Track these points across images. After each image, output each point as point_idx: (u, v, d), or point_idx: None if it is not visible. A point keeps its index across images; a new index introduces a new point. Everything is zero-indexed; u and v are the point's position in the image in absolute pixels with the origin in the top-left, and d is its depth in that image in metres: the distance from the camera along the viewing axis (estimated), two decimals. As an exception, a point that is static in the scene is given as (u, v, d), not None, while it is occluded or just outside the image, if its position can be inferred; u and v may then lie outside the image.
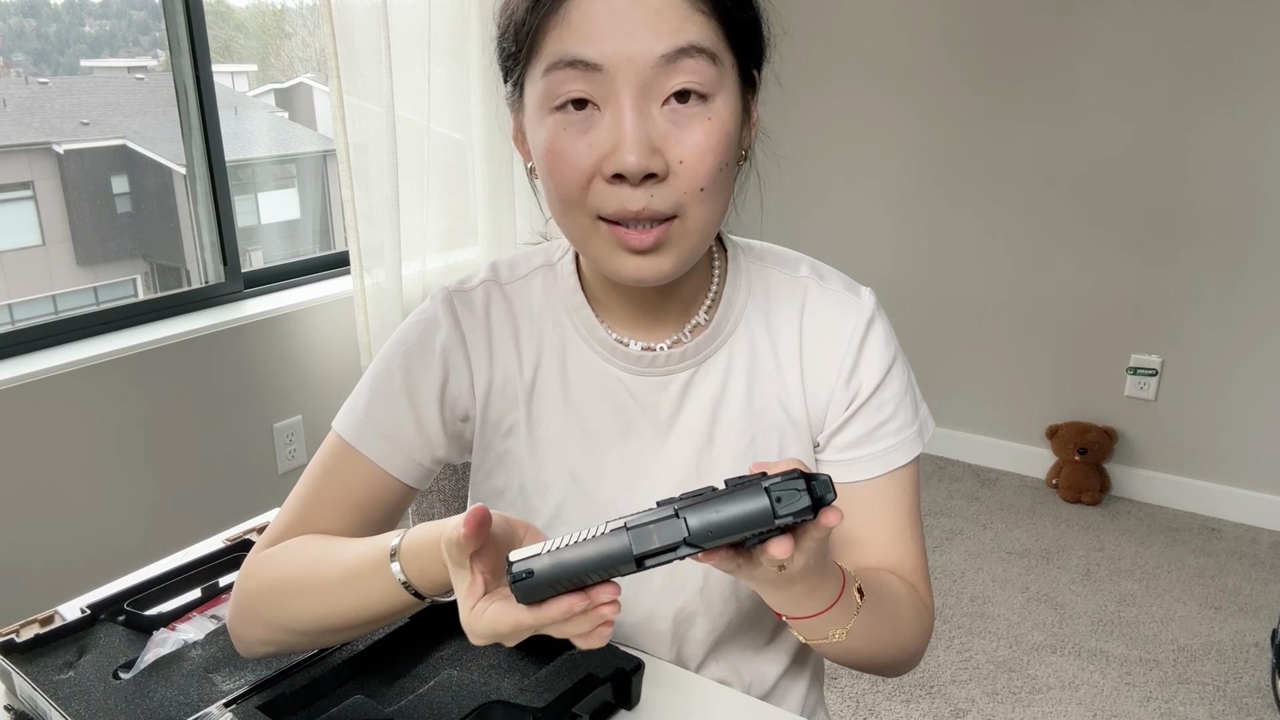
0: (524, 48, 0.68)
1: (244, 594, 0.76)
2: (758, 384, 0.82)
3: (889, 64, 2.94)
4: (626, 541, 0.53)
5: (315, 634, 0.73)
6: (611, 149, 0.66)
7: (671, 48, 0.65)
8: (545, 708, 0.72)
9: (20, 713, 0.80)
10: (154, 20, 2.30)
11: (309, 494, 0.80)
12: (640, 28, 0.64)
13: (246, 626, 0.75)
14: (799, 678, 0.94)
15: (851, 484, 0.82)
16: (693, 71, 0.66)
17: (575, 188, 0.68)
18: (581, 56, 0.65)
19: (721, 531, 0.53)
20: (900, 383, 0.82)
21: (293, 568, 0.74)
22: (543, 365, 0.82)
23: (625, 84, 0.65)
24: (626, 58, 0.64)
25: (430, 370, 0.80)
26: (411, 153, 2.28)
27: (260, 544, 0.79)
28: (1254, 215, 2.51)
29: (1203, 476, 2.73)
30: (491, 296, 0.83)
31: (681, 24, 0.65)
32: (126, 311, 2.05)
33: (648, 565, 0.53)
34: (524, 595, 0.54)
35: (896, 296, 3.08)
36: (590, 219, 0.69)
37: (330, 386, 2.30)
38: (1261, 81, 2.43)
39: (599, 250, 0.71)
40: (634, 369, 0.81)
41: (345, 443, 0.79)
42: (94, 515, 1.89)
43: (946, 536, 2.63)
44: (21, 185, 2.33)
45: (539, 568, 0.53)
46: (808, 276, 0.84)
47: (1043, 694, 1.99)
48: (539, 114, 0.69)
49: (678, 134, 0.66)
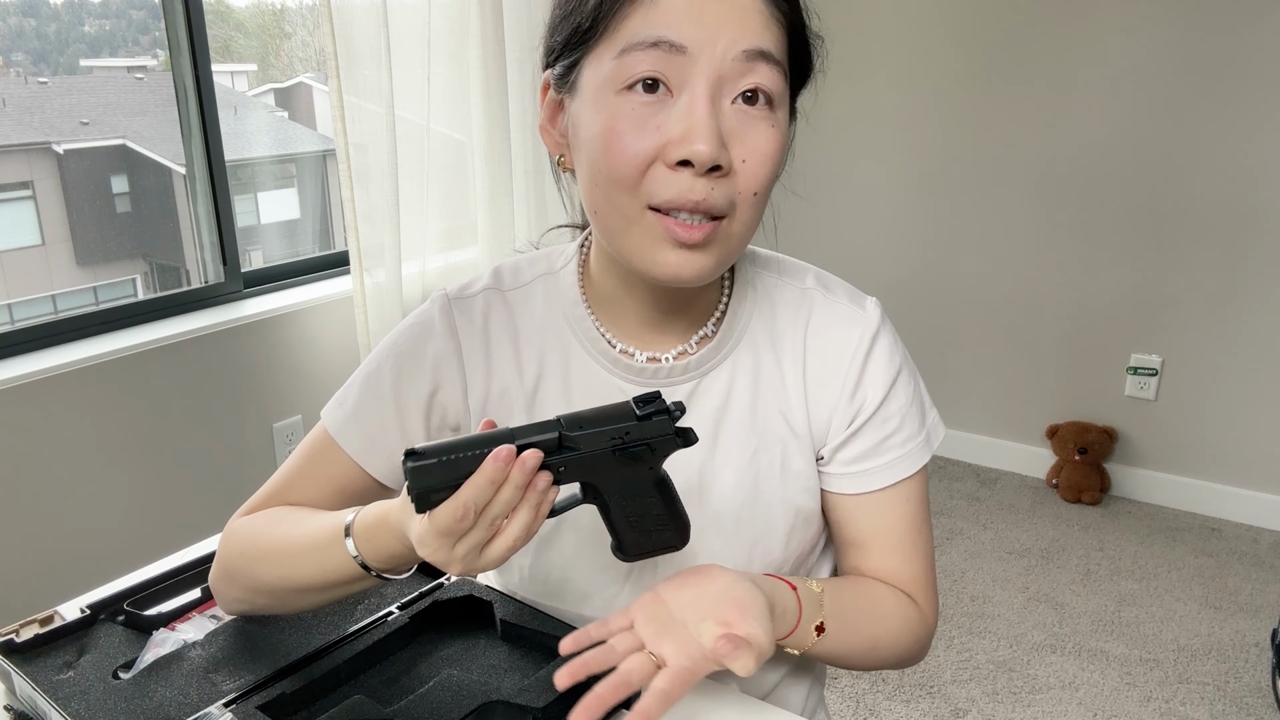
0: (600, 26, 0.67)
1: (222, 554, 0.81)
2: (761, 396, 0.81)
3: (890, 63, 2.94)
4: (510, 435, 0.60)
5: (281, 595, 0.77)
6: (681, 135, 0.65)
7: (753, 46, 0.66)
8: (545, 708, 0.71)
9: (20, 713, 0.80)
10: (154, 20, 2.30)
11: (292, 471, 0.84)
12: (726, 22, 0.65)
13: (223, 584, 0.82)
14: (800, 680, 0.94)
15: (856, 496, 0.82)
16: (766, 76, 0.67)
17: (633, 170, 0.67)
18: (667, 37, 0.65)
19: (589, 422, 0.61)
20: (905, 395, 0.82)
21: (264, 535, 0.78)
22: (545, 374, 0.82)
23: (704, 72, 0.65)
24: (711, 40, 0.65)
25: (420, 378, 0.81)
26: (411, 153, 2.28)
27: (242, 510, 0.84)
28: (1254, 215, 2.51)
29: (1203, 476, 2.73)
30: (491, 305, 0.83)
31: (763, 28, 0.67)
32: (126, 311, 2.04)
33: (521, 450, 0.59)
34: (415, 477, 0.58)
35: (897, 296, 3.08)
36: (639, 207, 0.68)
37: (330, 386, 2.29)
38: (1262, 82, 2.43)
39: (638, 242, 0.69)
40: (637, 380, 0.80)
41: (329, 434, 0.82)
42: (94, 515, 1.89)
43: (946, 536, 2.63)
44: (21, 185, 2.33)
45: (431, 452, 0.58)
46: (813, 288, 0.83)
47: (1043, 694, 1.99)
48: (601, 95, 0.68)
49: (743, 133, 0.67)
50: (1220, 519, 2.70)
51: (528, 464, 0.59)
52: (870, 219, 3.10)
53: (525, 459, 0.59)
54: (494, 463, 0.58)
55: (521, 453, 0.59)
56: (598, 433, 0.62)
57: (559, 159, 0.76)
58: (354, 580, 0.72)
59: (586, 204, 0.73)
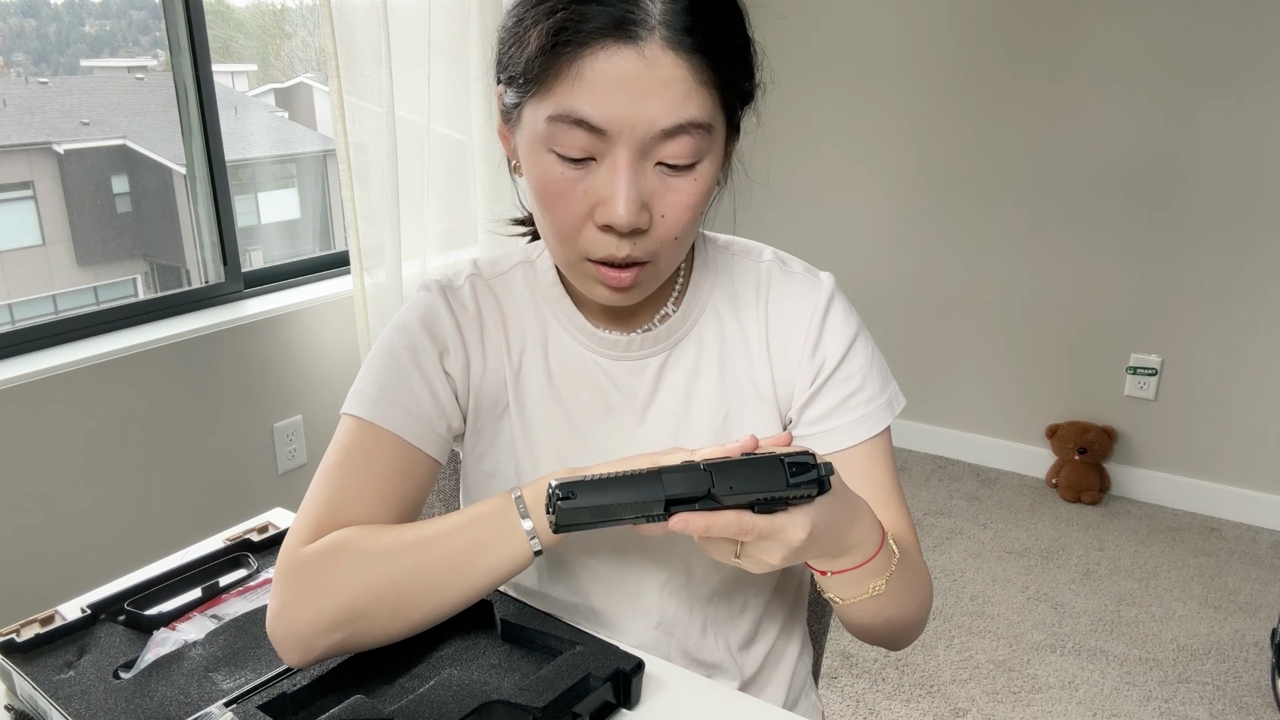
0: (534, 81, 0.70)
1: (310, 574, 0.73)
2: (728, 364, 0.86)
3: (887, 62, 2.94)
4: (660, 483, 0.61)
5: (405, 597, 0.73)
6: (604, 199, 0.70)
7: (673, 123, 0.68)
8: (545, 708, 0.72)
9: (20, 713, 0.80)
10: (154, 20, 2.30)
11: (334, 486, 0.78)
12: (647, 97, 0.67)
13: (305, 613, 0.72)
14: (783, 658, 0.95)
15: (829, 455, 0.84)
16: (686, 146, 0.70)
17: (569, 229, 0.73)
18: (589, 119, 0.68)
19: (740, 481, 0.62)
20: (864, 356, 0.86)
21: (382, 535, 0.75)
22: (527, 352, 0.86)
23: (625, 146, 0.69)
24: (630, 124, 0.67)
25: (432, 347, 0.84)
26: (411, 153, 2.28)
27: (297, 542, 0.76)
28: (1254, 214, 2.51)
29: (1203, 476, 2.73)
30: (478, 289, 0.87)
31: (685, 99, 0.68)
32: (126, 311, 2.05)
33: (672, 511, 0.62)
34: (561, 517, 0.60)
35: (896, 296, 3.08)
36: (577, 255, 0.75)
37: (330, 386, 2.30)
38: (1261, 82, 2.43)
39: (578, 278, 0.78)
40: (610, 354, 0.86)
41: (365, 422, 0.80)
42: (94, 515, 1.89)
43: (946, 536, 2.63)
44: (21, 185, 2.33)
45: (580, 492, 0.60)
46: (771, 262, 0.89)
47: (1043, 693, 1.99)
48: (535, 147, 0.72)
49: (664, 193, 0.72)
50: (1220, 519, 2.70)
51: (675, 529, 0.63)
52: (869, 219, 3.10)
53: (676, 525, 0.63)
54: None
55: (669, 503, 0.62)
56: (744, 490, 0.62)
57: (514, 164, 0.80)
58: (512, 564, 0.73)
59: (535, 221, 0.81)
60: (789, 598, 0.96)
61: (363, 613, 0.72)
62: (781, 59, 2.99)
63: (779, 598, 0.94)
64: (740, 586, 0.90)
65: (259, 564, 1.00)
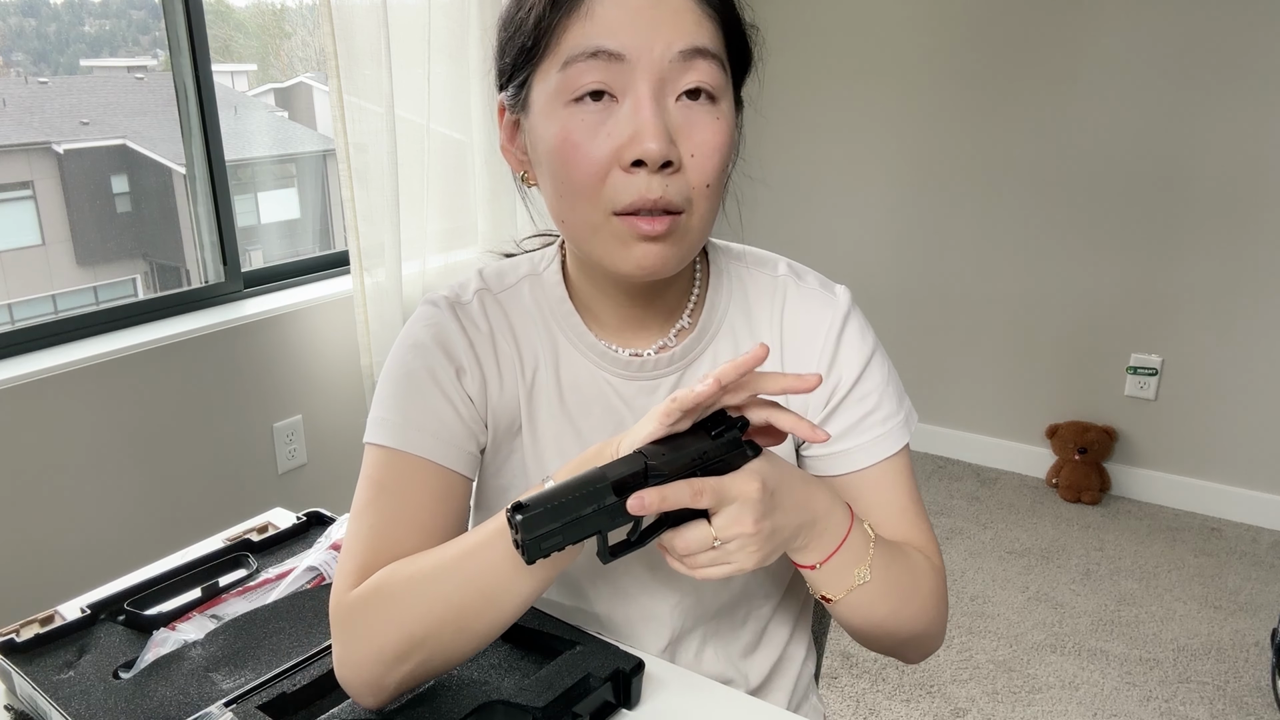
0: (542, 44, 0.70)
1: (356, 623, 0.71)
2: None
3: (887, 62, 2.94)
4: (601, 473, 0.62)
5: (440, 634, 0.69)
6: (630, 138, 0.68)
7: (689, 45, 0.69)
8: (545, 707, 0.72)
9: (20, 712, 0.80)
10: (154, 20, 2.30)
11: (372, 523, 0.76)
12: (660, 25, 0.68)
13: (368, 652, 0.70)
14: (793, 655, 0.95)
15: (846, 476, 0.83)
16: (705, 72, 0.70)
17: (592, 178, 0.70)
18: (605, 46, 0.68)
19: (674, 456, 0.64)
20: (880, 374, 0.84)
21: (423, 559, 0.72)
22: (539, 369, 0.84)
23: (644, 75, 0.68)
24: (648, 45, 0.68)
25: (449, 365, 0.81)
26: (411, 153, 2.28)
27: (344, 587, 0.74)
28: (1254, 214, 2.51)
29: (1203, 476, 2.73)
30: (487, 304, 0.84)
31: (696, 26, 0.69)
32: (126, 311, 2.05)
33: (623, 494, 0.62)
34: (526, 527, 0.60)
35: (896, 296, 3.08)
36: (603, 214, 0.71)
37: (330, 386, 2.30)
38: (1261, 82, 2.43)
39: (605, 244, 0.73)
40: (623, 374, 0.83)
41: (393, 451, 0.77)
42: (94, 515, 1.89)
43: (946, 536, 2.63)
44: (21, 185, 2.33)
45: (534, 503, 0.61)
46: (785, 275, 0.86)
47: (1043, 694, 1.99)
48: (551, 109, 0.71)
49: (689, 129, 0.70)
50: (1220, 519, 2.70)
51: (633, 510, 0.62)
52: (869, 219, 3.10)
53: (633, 506, 0.62)
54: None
55: (616, 488, 0.62)
56: (679, 456, 0.64)
57: (522, 175, 0.79)
58: (510, 581, 0.68)
59: (553, 215, 0.76)
60: (794, 610, 0.95)
61: (424, 639, 0.69)
62: (782, 59, 2.99)
63: (784, 609, 0.93)
64: (745, 598, 0.89)
65: (258, 564, 1.00)
